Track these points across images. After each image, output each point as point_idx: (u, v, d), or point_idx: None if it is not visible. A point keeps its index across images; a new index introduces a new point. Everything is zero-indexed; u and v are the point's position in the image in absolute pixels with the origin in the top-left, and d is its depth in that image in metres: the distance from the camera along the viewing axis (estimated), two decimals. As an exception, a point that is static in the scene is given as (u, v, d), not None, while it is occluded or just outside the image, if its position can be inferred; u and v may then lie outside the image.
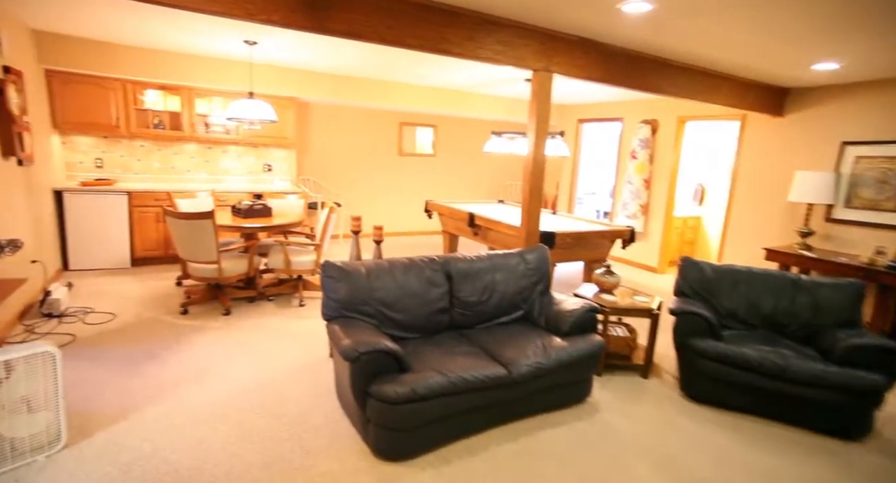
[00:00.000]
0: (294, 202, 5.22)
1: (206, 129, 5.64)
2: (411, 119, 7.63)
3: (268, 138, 5.92)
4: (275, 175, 6.32)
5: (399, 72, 5.53)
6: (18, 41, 3.99)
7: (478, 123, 8.26)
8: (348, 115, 7.09)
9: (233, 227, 4.06)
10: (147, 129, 5.30)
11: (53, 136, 4.91)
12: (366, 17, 2.67)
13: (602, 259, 5.00)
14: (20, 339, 3.33)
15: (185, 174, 5.79)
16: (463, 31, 2.97)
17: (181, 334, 3.55)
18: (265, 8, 2.42)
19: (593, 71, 3.58)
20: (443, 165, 8.09)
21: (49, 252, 4.51)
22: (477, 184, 8.52)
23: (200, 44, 4.57)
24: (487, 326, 3.04)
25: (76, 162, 5.25)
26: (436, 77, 5.76)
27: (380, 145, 7.44)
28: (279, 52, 4.73)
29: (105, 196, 4.91)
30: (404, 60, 4.84)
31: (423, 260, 2.95)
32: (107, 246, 5.01)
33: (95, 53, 4.73)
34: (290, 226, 4.34)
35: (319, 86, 5.84)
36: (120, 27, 4.09)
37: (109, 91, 5.01)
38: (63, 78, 4.81)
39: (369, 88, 6.14)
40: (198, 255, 3.83)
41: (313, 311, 4.21)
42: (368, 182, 7.46)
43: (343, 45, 4.28)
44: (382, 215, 7.68)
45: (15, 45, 3.89)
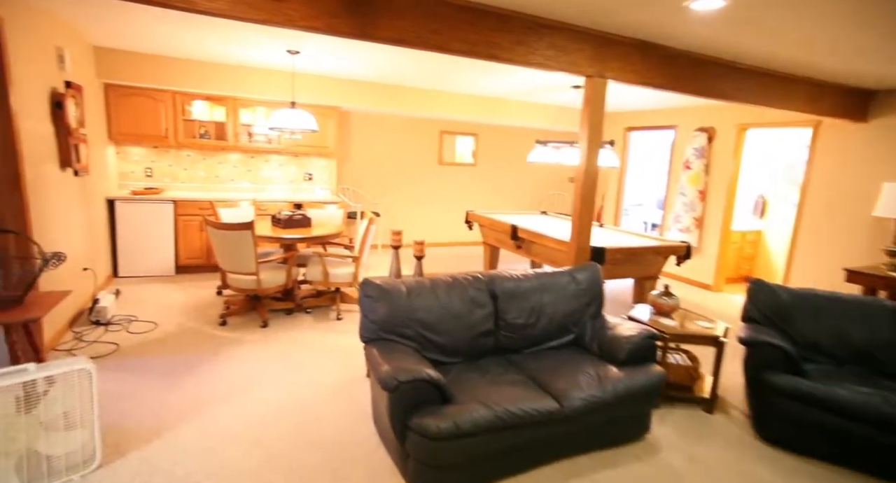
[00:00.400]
0: (333, 212, 5.16)
1: (250, 138, 5.70)
2: (452, 127, 7.50)
3: (309, 147, 5.92)
4: (315, 184, 6.32)
5: (440, 80, 5.41)
6: (81, 58, 4.12)
7: (519, 132, 8.04)
8: (388, 124, 7.04)
9: (272, 238, 4.02)
10: (193, 139, 5.39)
11: (109, 146, 5.05)
12: (410, 23, 2.54)
13: (654, 276, 4.67)
14: (69, 348, 3.37)
15: (228, 183, 5.87)
16: (512, 35, 2.80)
17: (219, 346, 3.51)
18: (307, 14, 2.33)
19: (651, 76, 3.32)
20: (483, 175, 7.91)
21: (101, 259, 4.62)
22: (518, 194, 8.29)
23: (245, 54, 4.60)
24: (535, 351, 2.82)
25: (128, 171, 5.40)
26: (478, 85, 5.61)
27: (420, 154, 7.35)
28: (321, 61, 4.70)
29: (152, 205, 5.01)
30: (446, 68, 4.71)
31: (466, 278, 2.77)
32: (153, 254, 5.10)
33: (149, 67, 4.85)
34: (329, 237, 4.27)
35: (360, 94, 5.80)
36: (171, 41, 4.15)
37: (160, 103, 5.13)
38: (119, 91, 4.96)
39: (410, 96, 6.06)
40: (237, 265, 3.80)
41: (350, 325, 4.10)
42: (408, 191, 7.37)
43: (384, 52, 4.19)
44: (421, 225, 7.57)
45: (77, 62, 4.01)
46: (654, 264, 4.60)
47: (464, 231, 7.92)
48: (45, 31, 3.37)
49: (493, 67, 4.52)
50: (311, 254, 4.51)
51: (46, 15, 3.38)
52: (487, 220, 5.75)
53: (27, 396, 2.00)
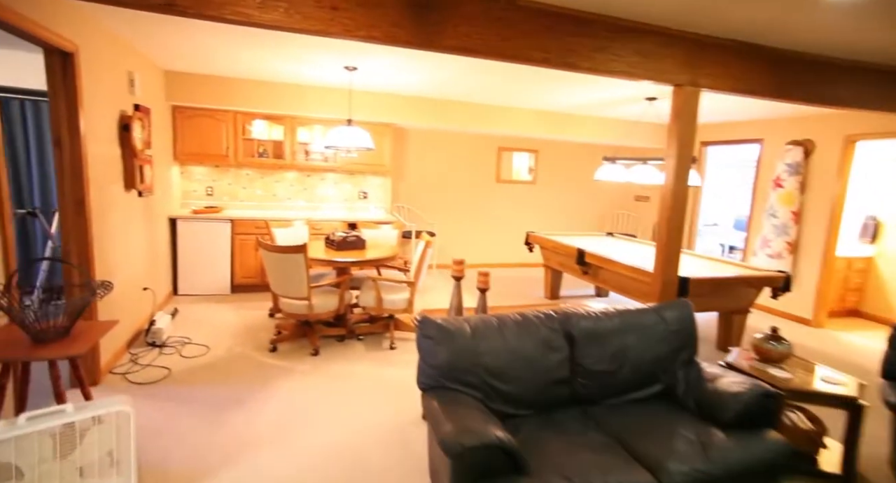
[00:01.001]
0: (388, 233, 4.97)
1: (306, 156, 5.66)
2: (510, 144, 7.20)
3: (364, 165, 5.80)
4: (370, 202, 6.19)
5: (500, 94, 5.14)
6: (151, 82, 4.20)
7: (582, 148, 7.61)
8: (445, 141, 6.84)
9: (325, 261, 3.85)
10: (252, 158, 5.41)
11: (174, 166, 5.15)
12: (479, 30, 2.28)
13: (744, 310, 4.10)
14: (124, 371, 3.31)
15: (284, 201, 5.84)
16: (593, 41, 2.47)
17: (268, 376, 3.33)
18: (365, 24, 2.12)
19: (752, 82, 2.87)
20: (543, 193, 7.53)
21: (162, 278, 4.65)
22: (579, 213, 7.82)
23: (304, 73, 4.54)
24: (618, 403, 2.41)
25: (191, 190, 5.48)
26: (539, 99, 5.29)
27: (477, 171, 7.09)
28: (378, 77, 4.56)
29: (211, 224, 5.03)
30: (508, 81, 4.43)
31: (538, 316, 2.42)
32: (210, 272, 5.11)
33: (213, 88, 4.91)
34: (383, 261, 4.05)
35: (416, 111, 5.63)
36: (234, 62, 4.15)
37: (222, 123, 5.19)
38: (186, 113, 5.06)
39: (468, 112, 5.83)
40: (289, 289, 3.64)
41: (404, 355, 3.83)
42: (464, 210, 7.11)
43: (443, 67, 3.98)
44: (477, 246, 7.27)
45: (147, 85, 4.08)
46: (745, 297, 4.03)
47: (521, 252, 7.53)
48: (117, 56, 3.41)
49: (562, 79, 4.19)
50: (365, 277, 4.31)
51: (119, 42, 3.43)
52: (550, 243, 5.37)
53: (64, 440, 1.86)
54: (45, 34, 2.52)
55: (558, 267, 5.45)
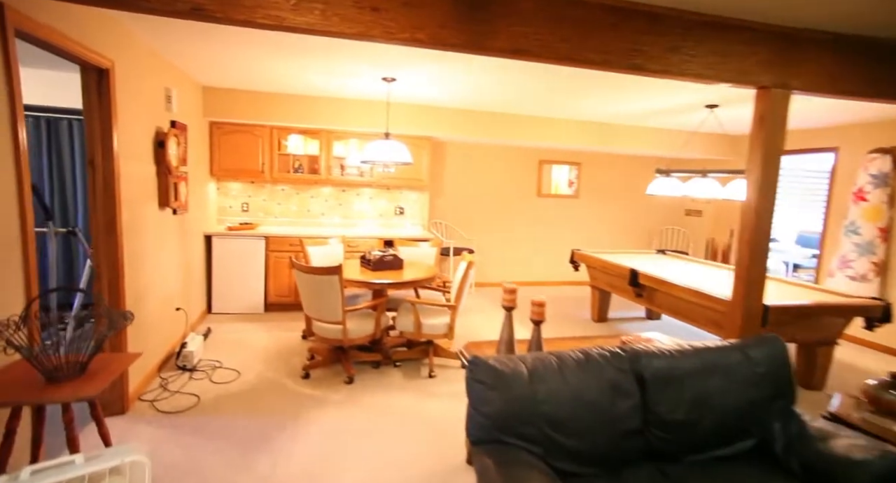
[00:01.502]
0: (426, 251, 4.72)
1: (342, 171, 5.51)
2: (552, 156, 6.87)
3: (401, 180, 5.61)
4: (406, 218, 5.98)
5: (543, 105, 4.85)
6: (189, 98, 4.15)
7: (627, 160, 7.20)
8: (484, 154, 6.59)
9: (361, 283, 3.62)
10: (287, 174, 5.30)
11: (211, 182, 5.10)
12: (535, 29, 2.01)
13: (830, 342, 3.61)
14: (153, 398, 3.16)
15: (319, 217, 5.71)
16: (665, 39, 2.16)
17: (299, 408, 3.11)
18: (409, 25, 1.89)
19: (855, 81, 2.48)
20: (587, 207, 7.14)
21: (196, 295, 4.56)
22: (625, 229, 7.37)
23: (341, 85, 4.39)
24: (702, 461, 2.04)
25: (227, 206, 5.42)
26: (585, 109, 4.97)
27: (517, 185, 6.78)
28: (416, 88, 4.37)
29: (245, 241, 4.92)
30: (554, 90, 4.14)
31: (602, 354, 2.09)
32: (245, 291, 4.99)
33: (249, 103, 4.84)
34: (422, 282, 3.79)
35: (455, 123, 5.40)
36: (270, 75, 4.04)
37: (258, 138, 5.11)
38: (223, 128, 5.01)
39: (509, 124, 5.56)
40: (322, 313, 3.43)
41: (445, 385, 3.54)
42: (504, 225, 6.81)
43: (484, 75, 3.73)
44: (517, 263, 6.93)
45: (184, 101, 4.03)
46: (831, 327, 3.55)
47: (564, 270, 7.14)
48: (154, 72, 3.34)
49: (616, 87, 3.87)
50: (403, 299, 4.06)
51: (156, 57, 3.36)
52: (598, 262, 4.99)
53: (72, 494, 1.66)
54: (80, 51, 2.42)
55: (607, 287, 5.06)
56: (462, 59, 3.32)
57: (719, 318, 3.52)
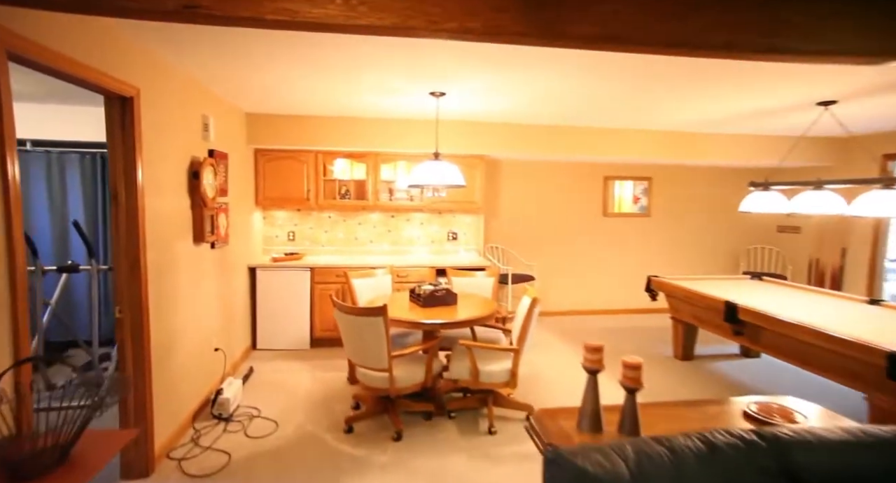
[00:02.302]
0: (482, 281, 4.24)
1: (390, 196, 5.17)
2: (619, 171, 6.23)
3: (453, 203, 5.19)
4: (459, 244, 5.54)
5: (610, 115, 4.29)
6: (231, 125, 3.99)
7: (706, 173, 6.41)
8: (543, 171, 6.06)
9: (409, 323, 3.18)
10: (334, 200, 5.03)
11: (256, 212, 4.92)
12: (629, 9, 1.52)
13: None
14: (182, 455, 2.84)
15: (367, 245, 5.38)
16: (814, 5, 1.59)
17: (339, 474, 2.67)
18: (458, 12, 1.45)
19: None
20: (659, 227, 6.39)
21: (240, 332, 4.31)
22: (706, 249, 6.53)
23: (386, 104, 4.07)
24: None
25: (273, 236, 5.22)
26: (659, 118, 4.35)
27: (580, 204, 6.18)
28: (467, 102, 3.96)
29: (290, 272, 4.65)
30: (628, 94, 3.59)
31: (733, 444, 1.50)
32: (290, 325, 4.70)
33: (293, 128, 4.64)
34: (479, 320, 3.30)
35: (511, 139, 4.94)
36: (312, 98, 3.79)
37: (303, 164, 4.89)
38: (267, 156, 4.84)
39: (571, 138, 5.02)
40: (366, 359, 3.01)
41: (508, 444, 2.99)
42: (566, 249, 6.20)
43: (543, 81, 3.25)
44: (582, 289, 6.27)
45: (226, 129, 3.85)
46: None
47: (635, 296, 6.39)
48: (188, 99, 3.14)
49: (708, 86, 3.27)
50: (457, 340, 3.57)
51: (190, 84, 3.16)
52: (681, 291, 4.28)
53: None
54: (98, 77, 2.20)
55: (693, 321, 4.32)
56: (521, 64, 2.87)
57: (862, 369, 2.76)
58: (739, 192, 6.48)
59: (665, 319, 6.02)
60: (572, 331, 5.52)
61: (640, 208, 6.31)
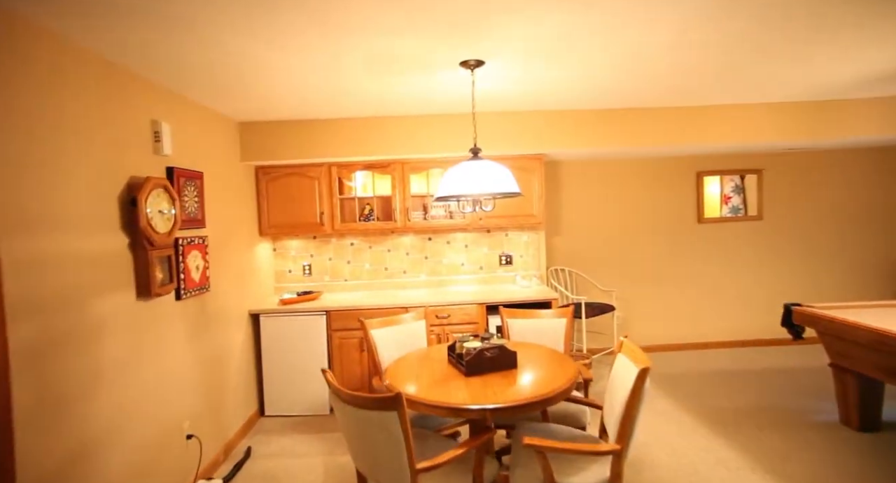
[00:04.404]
0: (550, 323, 3.04)
1: (425, 213, 4.11)
2: (717, 164, 4.84)
3: (504, 218, 4.04)
4: (516, 270, 4.36)
5: (713, 87, 3.00)
6: (210, 137, 3.08)
7: (842, 156, 4.87)
8: (616, 172, 4.79)
9: (445, 409, 2.05)
10: (354, 223, 4.03)
11: (262, 243, 4.02)
12: None
13: None
14: None
15: (400, 277, 4.33)
16: None
17: None
18: None
19: None
20: (775, 233, 4.90)
21: (240, 398, 3.36)
22: (844, 259, 4.94)
23: (406, 92, 3.03)
24: None
25: (285, 271, 4.29)
26: (787, 83, 3.02)
27: (667, 210, 4.84)
28: (514, 76, 2.84)
29: (300, 319, 3.67)
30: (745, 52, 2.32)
31: None
32: (304, 385, 3.70)
33: (297, 136, 3.71)
34: (554, 398, 2.11)
35: (574, 131, 3.75)
36: (316, 90, 2.82)
37: (314, 180, 3.94)
38: (269, 174, 3.94)
39: (652, 123, 3.76)
40: (377, 470, 1.91)
41: None
42: (652, 267, 4.85)
43: (634, 32, 2.07)
44: (678, 317, 4.87)
45: (199, 142, 2.95)
46: None
47: (750, 324, 4.90)
48: (126, 96, 2.25)
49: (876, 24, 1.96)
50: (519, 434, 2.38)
51: (124, 74, 2.27)
52: (851, 329, 2.86)
53: None
54: None
55: (878, 374, 2.87)
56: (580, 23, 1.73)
57: None
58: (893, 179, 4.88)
59: (802, 354, 4.49)
60: (675, 377, 4.15)
61: (731, 210, 4.85)
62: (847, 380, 3.11)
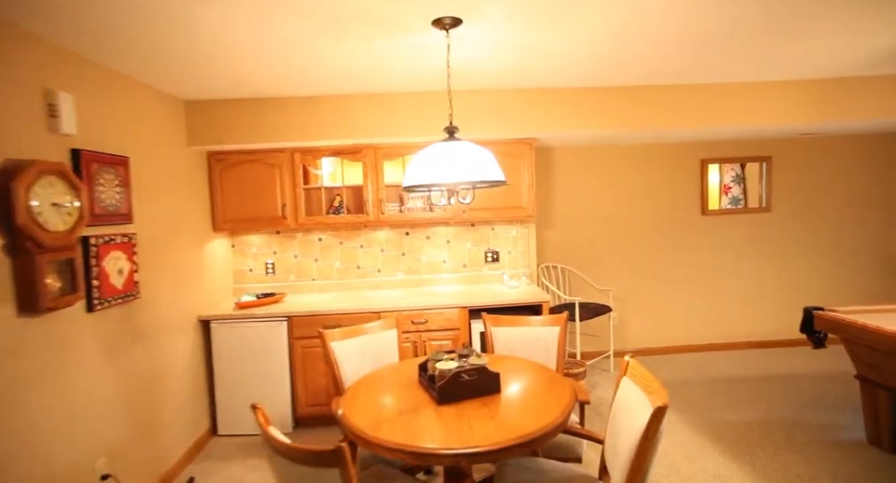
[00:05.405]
0: (540, 333, 2.64)
1: (401, 205, 3.67)
2: (722, 151, 4.44)
3: (490, 211, 3.61)
4: (502, 268, 3.95)
5: (726, 63, 2.58)
6: (139, 115, 2.60)
7: (857, 141, 4.49)
8: (613, 160, 4.37)
9: (410, 453, 1.62)
10: (321, 216, 3.58)
11: (217, 240, 3.55)
12: None
13: None
14: None
15: (374, 276, 3.89)
16: None
17: None
18: None
19: None
20: (787, 227, 4.53)
21: (186, 417, 2.92)
22: (862, 254, 4.59)
23: (371, 59, 2.57)
24: None
25: (245, 270, 3.84)
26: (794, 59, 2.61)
27: (668, 201, 4.44)
28: (497, 42, 2.39)
29: (259, 325, 3.23)
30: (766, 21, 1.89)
31: None
32: (263, 400, 3.26)
33: (253, 116, 3.24)
34: (545, 436, 1.69)
35: (570, 111, 3.32)
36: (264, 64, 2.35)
37: (274, 168, 3.48)
38: (224, 161, 3.46)
39: (655, 103, 3.34)
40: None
41: None
42: (653, 263, 4.46)
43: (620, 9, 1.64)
44: (681, 317, 4.50)
45: (122, 120, 2.47)
46: None
47: (759, 324, 4.54)
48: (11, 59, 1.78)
49: None
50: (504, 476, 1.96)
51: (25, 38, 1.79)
52: (887, 338, 2.48)
53: None
54: None
55: (915, 389, 2.51)
56: None
57: None
58: (904, 170, 4.52)
59: (818, 357, 4.14)
60: (678, 384, 3.77)
61: (731, 201, 4.46)
62: (878, 395, 2.74)
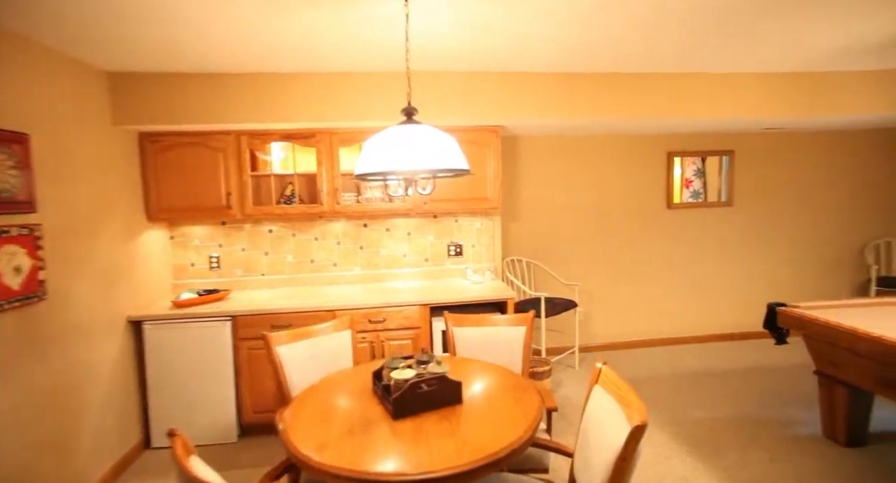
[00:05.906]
0: (505, 333, 2.48)
1: (358, 195, 3.42)
2: (690, 144, 4.40)
3: (453, 202, 3.41)
4: (466, 262, 3.77)
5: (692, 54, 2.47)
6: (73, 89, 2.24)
7: (823, 136, 4.55)
8: (581, 150, 4.25)
9: (356, 480, 1.42)
10: (271, 206, 3.29)
11: (152, 231, 3.21)
12: None
13: None
14: None
15: (330, 271, 3.64)
16: None
17: None
18: None
19: None
20: (748, 221, 4.56)
21: (107, 429, 2.61)
22: (818, 250, 4.68)
23: (323, 28, 2.31)
24: None
25: (187, 264, 3.50)
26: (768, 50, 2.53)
27: (635, 194, 4.37)
28: (454, 17, 2.18)
29: (199, 325, 2.93)
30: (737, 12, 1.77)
31: None
32: (204, 407, 2.98)
33: (192, 93, 2.90)
34: (511, 455, 1.52)
35: (538, 97, 3.15)
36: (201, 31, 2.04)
37: (217, 152, 3.15)
38: (159, 143, 3.11)
39: (622, 91, 3.22)
40: None
41: None
42: (617, 258, 4.39)
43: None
44: (645, 312, 4.46)
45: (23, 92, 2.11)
46: None
47: (722, 317, 4.57)
48: None
49: None
50: None
51: None
52: (846, 334, 2.45)
53: None
54: None
55: (875, 387, 2.50)
56: None
57: None
58: (875, 161, 4.62)
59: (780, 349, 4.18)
60: (644, 381, 3.72)
61: (692, 194, 4.45)
62: (835, 391, 2.74)
